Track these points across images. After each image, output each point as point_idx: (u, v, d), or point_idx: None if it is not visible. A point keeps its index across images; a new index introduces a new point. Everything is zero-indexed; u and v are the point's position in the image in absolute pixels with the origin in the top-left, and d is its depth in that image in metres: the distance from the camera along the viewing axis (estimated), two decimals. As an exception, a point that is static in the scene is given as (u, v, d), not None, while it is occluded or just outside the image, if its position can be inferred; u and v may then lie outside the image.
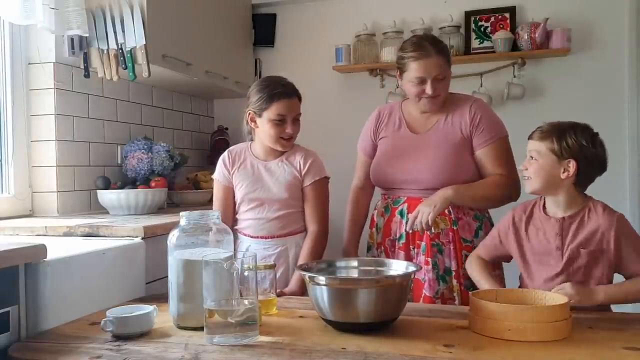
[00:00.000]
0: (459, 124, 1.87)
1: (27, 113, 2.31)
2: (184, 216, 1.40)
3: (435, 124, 1.89)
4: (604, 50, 3.00)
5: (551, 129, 1.53)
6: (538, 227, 1.56)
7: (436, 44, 1.83)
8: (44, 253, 1.40)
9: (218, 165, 1.95)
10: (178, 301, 1.36)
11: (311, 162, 1.88)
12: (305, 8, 3.45)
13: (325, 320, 1.33)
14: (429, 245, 1.82)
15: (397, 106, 2.02)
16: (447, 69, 1.84)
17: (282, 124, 1.82)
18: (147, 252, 1.80)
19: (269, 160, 1.89)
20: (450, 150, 1.84)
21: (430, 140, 1.87)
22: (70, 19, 2.18)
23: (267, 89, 1.83)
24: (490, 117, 1.89)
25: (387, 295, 1.27)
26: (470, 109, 1.87)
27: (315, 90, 3.41)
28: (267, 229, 1.85)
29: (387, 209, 1.93)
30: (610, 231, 1.48)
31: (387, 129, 1.98)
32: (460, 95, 1.97)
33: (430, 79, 1.81)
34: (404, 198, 1.89)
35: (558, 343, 1.19)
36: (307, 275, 1.32)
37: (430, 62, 1.80)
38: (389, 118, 1.99)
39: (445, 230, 1.83)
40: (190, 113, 3.31)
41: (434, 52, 1.80)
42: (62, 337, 1.32)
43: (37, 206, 2.33)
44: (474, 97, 2.00)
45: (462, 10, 3.15)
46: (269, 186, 1.86)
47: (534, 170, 1.52)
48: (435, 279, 1.81)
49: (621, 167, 2.96)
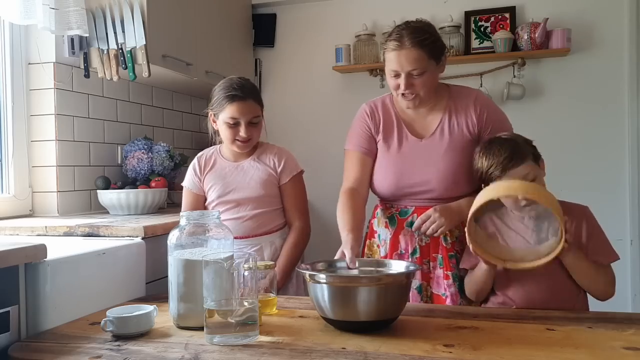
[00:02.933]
0: (465, 124, 1.72)
1: (27, 113, 2.31)
2: (184, 216, 1.40)
3: (439, 126, 1.74)
4: (604, 50, 3.00)
5: (512, 148, 1.49)
6: (512, 228, 1.55)
7: (417, 35, 1.62)
8: (44, 253, 1.40)
9: (188, 172, 1.96)
10: (178, 301, 1.36)
11: (286, 160, 1.89)
12: (305, 8, 3.45)
13: (325, 319, 1.33)
14: (446, 257, 1.69)
15: (387, 102, 1.83)
16: (426, 64, 1.63)
17: (236, 127, 1.81)
18: (147, 252, 1.80)
19: (239, 160, 1.90)
20: (460, 157, 1.69)
21: (437, 147, 1.72)
22: (70, 19, 2.17)
23: (222, 91, 1.83)
24: (498, 114, 1.76)
25: (388, 293, 1.27)
26: (475, 106, 1.73)
27: (315, 90, 3.42)
28: (243, 229, 1.85)
29: (393, 220, 1.77)
30: (582, 223, 1.50)
31: (387, 130, 1.78)
32: (458, 87, 1.82)
33: (404, 73, 1.63)
34: (412, 208, 1.74)
35: (558, 343, 1.19)
36: (307, 273, 1.31)
37: (404, 55, 1.62)
38: (384, 115, 1.80)
39: (459, 237, 1.71)
40: (190, 113, 3.31)
41: (410, 44, 1.61)
42: (62, 337, 1.32)
43: (37, 206, 2.33)
44: (475, 90, 1.83)
45: (462, 10, 3.15)
46: (243, 186, 1.86)
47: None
48: (457, 292, 1.67)
49: (621, 167, 2.97)
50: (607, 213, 1.59)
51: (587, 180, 2.96)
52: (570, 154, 3.02)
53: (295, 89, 3.48)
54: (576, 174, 2.98)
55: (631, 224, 2.92)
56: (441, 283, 1.71)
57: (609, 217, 1.58)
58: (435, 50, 1.67)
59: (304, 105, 3.43)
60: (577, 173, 2.99)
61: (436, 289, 1.72)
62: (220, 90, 1.84)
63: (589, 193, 1.66)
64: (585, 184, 2.93)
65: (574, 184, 2.79)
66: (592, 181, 2.97)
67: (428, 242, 1.72)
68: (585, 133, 3.01)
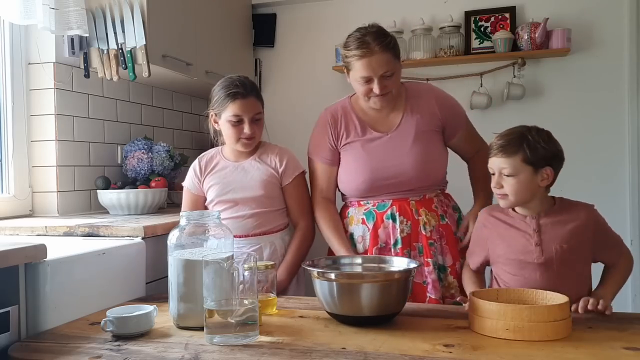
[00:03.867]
0: (428, 117, 1.82)
1: (27, 113, 2.31)
2: (184, 216, 1.40)
3: (402, 121, 1.82)
4: (604, 50, 3.00)
5: (514, 140, 1.48)
6: (513, 227, 1.55)
7: (380, 39, 1.69)
8: (44, 253, 1.40)
9: (189, 173, 1.96)
10: (178, 301, 1.36)
11: (288, 160, 1.89)
12: (305, 8, 3.45)
13: (332, 314, 1.37)
14: (426, 245, 1.77)
15: (347, 106, 1.89)
16: (394, 65, 1.72)
17: (240, 125, 1.81)
18: (147, 252, 1.80)
19: (240, 160, 1.90)
20: (426, 145, 1.80)
21: (404, 138, 1.80)
22: (70, 19, 2.17)
23: (223, 90, 1.82)
24: (453, 104, 1.89)
25: (391, 288, 1.33)
26: (436, 101, 1.84)
27: (315, 90, 3.41)
28: (242, 227, 1.85)
29: (370, 215, 1.82)
30: (589, 221, 1.50)
31: (349, 134, 1.84)
32: (412, 84, 1.93)
33: (376, 77, 1.70)
34: (390, 201, 1.80)
35: (558, 343, 1.19)
36: (315, 271, 1.36)
37: (375, 60, 1.68)
38: (344, 121, 1.86)
39: (436, 227, 1.80)
40: (190, 113, 3.31)
41: (378, 49, 1.68)
42: (62, 337, 1.32)
43: (37, 206, 2.33)
44: (427, 84, 1.94)
45: (462, 10, 3.15)
46: (243, 186, 1.85)
47: (513, 189, 1.48)
48: (437, 279, 1.76)
49: (621, 167, 2.96)
50: (607, 213, 1.59)
51: (587, 180, 2.96)
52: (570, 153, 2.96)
53: (295, 89, 3.48)
54: (576, 173, 2.97)
55: (631, 224, 2.91)
56: (422, 271, 1.76)
57: (608, 217, 1.58)
58: (397, 50, 1.76)
59: (304, 105, 3.42)
60: (577, 173, 2.98)
61: (417, 277, 1.76)
62: (221, 89, 1.83)
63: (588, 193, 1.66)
64: (585, 184, 2.93)
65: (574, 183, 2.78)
66: (592, 181, 2.97)
67: (409, 233, 1.78)
68: (585, 133, 3.01)
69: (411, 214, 1.79)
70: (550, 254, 1.48)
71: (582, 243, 1.50)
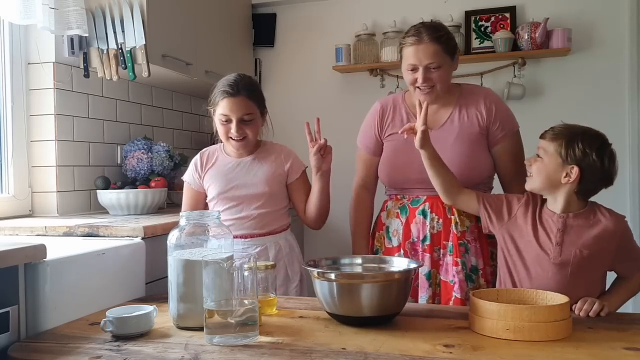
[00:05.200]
0: (475, 117, 1.79)
1: (27, 113, 2.31)
2: (183, 216, 1.40)
3: (449, 118, 1.81)
4: (604, 50, 3.00)
5: (563, 131, 1.52)
6: (541, 220, 1.55)
7: (434, 32, 1.73)
8: (43, 253, 1.40)
9: (189, 167, 1.96)
10: (178, 301, 1.36)
11: (293, 159, 1.90)
12: (305, 8, 3.45)
13: (332, 315, 1.37)
14: (456, 244, 1.74)
15: (399, 99, 1.91)
16: (443, 58, 1.73)
17: (228, 124, 1.80)
18: (147, 252, 1.80)
19: (242, 157, 1.89)
20: (468, 147, 1.77)
21: (447, 136, 1.78)
22: (70, 19, 2.17)
23: (218, 87, 1.82)
24: (505, 110, 1.83)
25: (391, 289, 1.32)
26: (485, 101, 1.80)
27: (315, 90, 3.42)
28: (247, 227, 1.84)
29: (404, 210, 1.83)
30: (616, 232, 1.49)
31: (395, 125, 1.86)
32: (469, 85, 1.91)
33: (422, 66, 1.72)
34: (424, 197, 1.80)
35: (558, 343, 1.19)
36: (315, 271, 1.36)
37: (422, 49, 1.71)
38: (394, 113, 1.88)
39: (470, 227, 1.76)
40: (190, 113, 3.31)
41: (428, 39, 1.71)
42: (62, 337, 1.32)
43: (37, 206, 2.33)
44: (484, 88, 1.94)
45: (462, 10, 3.15)
46: (246, 183, 1.85)
47: (537, 169, 1.52)
48: (465, 279, 1.73)
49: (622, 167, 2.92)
50: (607, 213, 1.59)
51: (587, 180, 2.96)
52: (571, 153, 3.01)
53: (295, 89, 3.48)
54: (576, 173, 2.98)
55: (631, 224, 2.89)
56: (450, 270, 1.75)
57: (608, 217, 1.58)
58: (450, 46, 1.77)
59: (304, 105, 3.42)
60: (577, 173, 2.98)
61: (444, 275, 1.76)
62: (217, 87, 1.83)
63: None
64: (586, 184, 2.93)
65: (574, 183, 2.79)
66: (592, 181, 2.97)
67: (440, 230, 1.77)
68: (585, 133, 3.01)
69: (444, 212, 1.77)
70: (568, 256, 1.48)
71: (603, 251, 1.49)
